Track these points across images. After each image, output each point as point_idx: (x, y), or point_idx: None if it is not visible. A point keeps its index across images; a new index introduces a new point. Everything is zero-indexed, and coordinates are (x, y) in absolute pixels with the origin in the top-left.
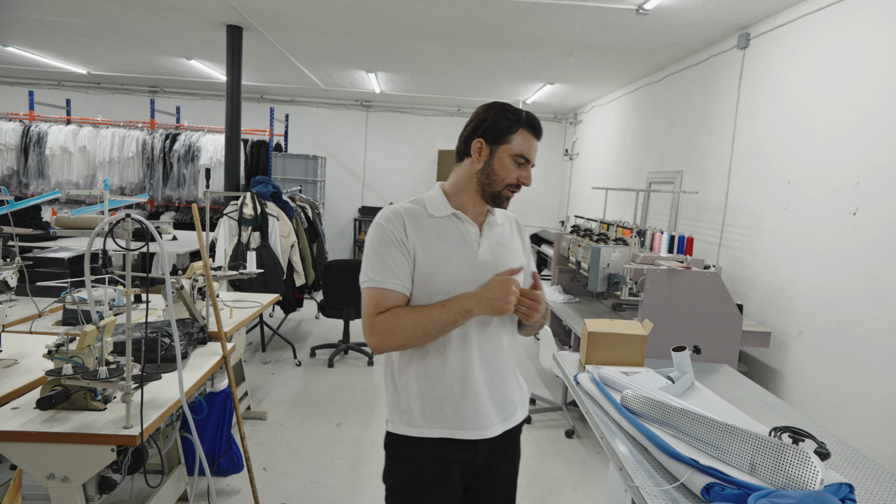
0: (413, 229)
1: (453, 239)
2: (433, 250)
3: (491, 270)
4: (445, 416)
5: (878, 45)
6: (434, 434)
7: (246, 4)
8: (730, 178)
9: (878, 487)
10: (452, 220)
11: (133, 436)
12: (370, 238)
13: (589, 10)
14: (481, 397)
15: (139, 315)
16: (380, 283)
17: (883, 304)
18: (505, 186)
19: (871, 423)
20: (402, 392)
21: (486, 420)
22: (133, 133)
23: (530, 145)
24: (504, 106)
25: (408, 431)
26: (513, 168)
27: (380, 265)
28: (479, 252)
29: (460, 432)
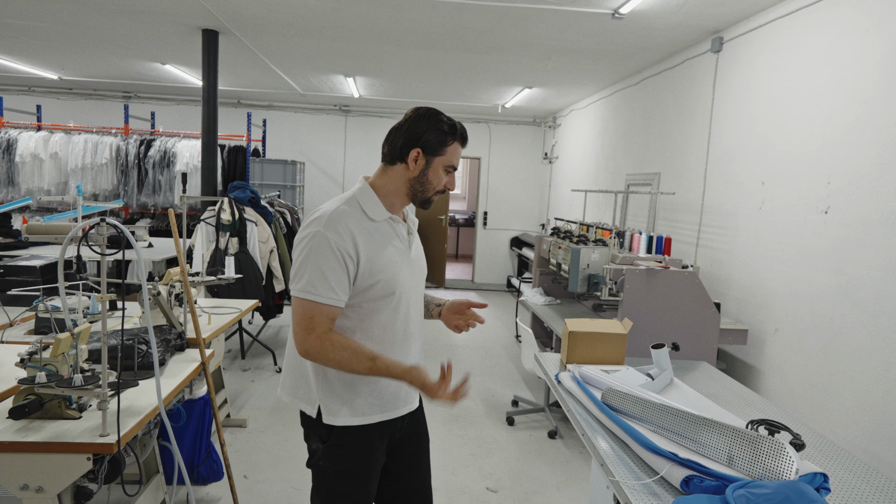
0: (360, 237)
1: (392, 242)
2: (377, 255)
3: (418, 264)
4: (387, 401)
5: (846, 47)
6: (378, 419)
7: (222, 8)
8: (706, 179)
9: (852, 476)
10: (389, 224)
11: (109, 444)
12: (312, 246)
13: (565, 15)
14: None
15: (115, 322)
16: (316, 297)
17: (854, 301)
18: (435, 192)
19: (845, 417)
20: (343, 387)
21: (412, 396)
22: (106, 139)
23: (459, 155)
24: (439, 117)
25: (353, 422)
26: (443, 176)
27: (318, 278)
28: (411, 250)
29: (396, 411)
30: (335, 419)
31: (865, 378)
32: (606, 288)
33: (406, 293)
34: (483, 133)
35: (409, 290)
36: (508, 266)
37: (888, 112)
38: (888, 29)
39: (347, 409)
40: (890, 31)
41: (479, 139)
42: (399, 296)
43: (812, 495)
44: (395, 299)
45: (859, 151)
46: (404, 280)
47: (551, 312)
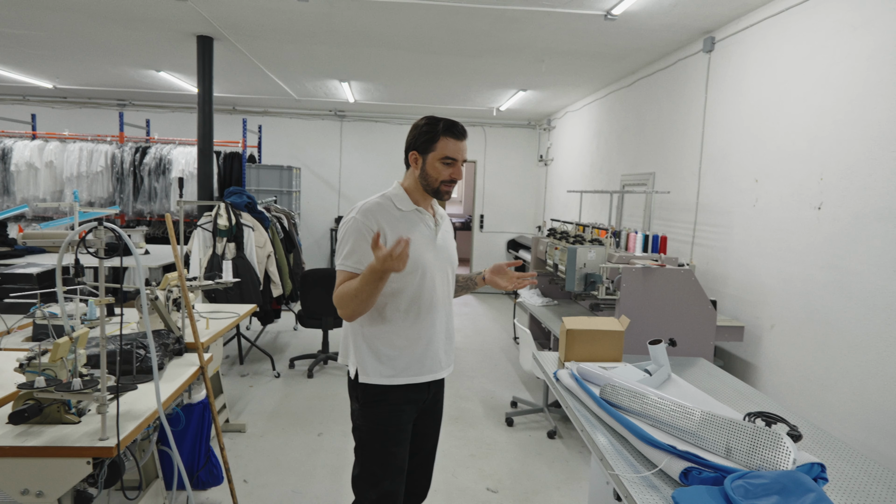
0: (384, 221)
1: (418, 228)
2: (402, 235)
3: (444, 251)
4: (413, 366)
5: (835, 45)
6: (405, 381)
7: (216, 14)
8: (700, 177)
9: (849, 466)
10: (416, 214)
11: (109, 447)
12: (349, 228)
13: (558, 17)
14: (439, 350)
15: (113, 327)
16: (348, 267)
17: (849, 295)
18: (440, 183)
19: (842, 411)
20: (379, 350)
21: (439, 366)
22: (101, 147)
23: (455, 147)
24: (429, 120)
25: (383, 381)
26: (443, 168)
27: (353, 252)
28: (436, 239)
29: (422, 377)
30: (368, 378)
31: (861, 372)
32: (603, 287)
33: (431, 272)
34: (479, 136)
35: (435, 269)
36: None
37: (878, 108)
38: (876, 26)
39: (378, 369)
40: (878, 29)
41: (475, 142)
42: (423, 273)
43: (809, 484)
44: (418, 276)
45: (851, 147)
46: (429, 260)
47: (549, 313)
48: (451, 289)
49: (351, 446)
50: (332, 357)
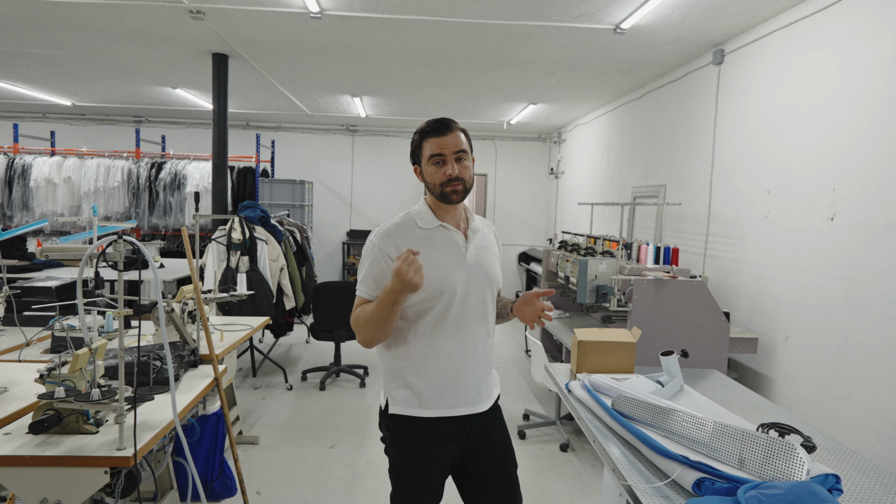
0: (404, 242)
1: (443, 246)
2: (423, 258)
3: (478, 269)
4: (446, 397)
5: (845, 56)
6: (437, 414)
7: (231, 33)
8: (711, 189)
9: (864, 478)
10: (441, 231)
11: (126, 457)
12: (367, 252)
13: (568, 31)
14: (476, 379)
15: (130, 340)
16: (364, 294)
17: (863, 306)
18: (440, 186)
19: (859, 423)
20: (407, 380)
21: (477, 399)
22: (118, 163)
23: (437, 144)
24: (417, 129)
25: (413, 413)
26: (436, 170)
27: (367, 279)
28: (467, 255)
29: (456, 410)
30: (397, 408)
31: (877, 384)
32: (615, 299)
33: (461, 293)
34: (489, 150)
35: (467, 290)
36: (517, 281)
37: (890, 118)
38: (886, 37)
39: (407, 399)
40: (888, 39)
41: (486, 156)
42: (452, 294)
43: (824, 495)
44: (445, 298)
45: (863, 158)
46: (458, 280)
47: (560, 325)
48: (489, 311)
49: (363, 459)
50: (344, 370)
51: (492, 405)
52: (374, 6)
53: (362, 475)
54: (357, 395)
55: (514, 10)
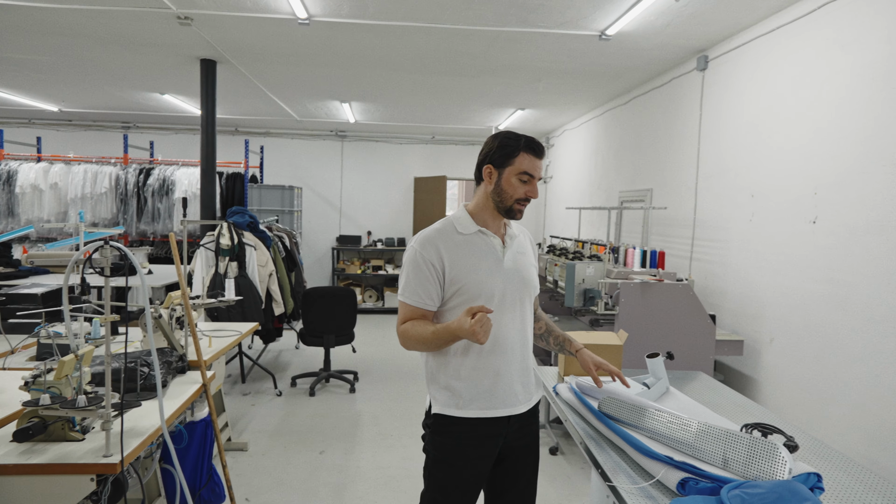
0: (444, 247)
1: (481, 251)
2: (462, 262)
3: (515, 275)
4: (484, 399)
5: (827, 62)
6: (475, 414)
7: (219, 38)
8: (697, 193)
9: (846, 477)
10: (479, 236)
11: (113, 464)
12: (407, 258)
13: (554, 37)
14: (513, 384)
15: (117, 346)
16: (408, 300)
17: (845, 307)
18: (514, 201)
19: (843, 423)
20: (443, 381)
21: (515, 401)
22: (106, 169)
23: (533, 164)
24: (507, 134)
25: (453, 412)
26: (519, 185)
27: (409, 285)
28: (504, 260)
29: (494, 411)
30: (436, 407)
31: (860, 384)
32: (602, 302)
33: (498, 298)
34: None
35: (504, 295)
36: None
37: (868, 123)
38: (863, 44)
39: (447, 400)
40: (867, 46)
41: (474, 161)
42: (489, 299)
43: (805, 494)
44: (484, 302)
45: (843, 162)
46: (494, 285)
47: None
48: (527, 316)
49: (353, 464)
50: (333, 375)
51: (530, 408)
52: (362, 13)
53: (352, 481)
54: (347, 401)
55: (500, 16)
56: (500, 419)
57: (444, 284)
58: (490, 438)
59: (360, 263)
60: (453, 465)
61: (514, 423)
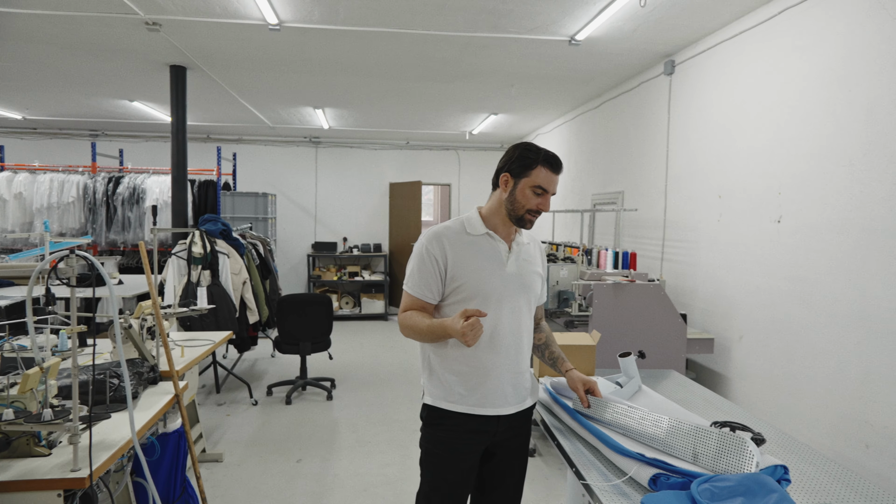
0: (450, 245)
1: (486, 253)
2: (466, 261)
3: (516, 280)
4: (474, 397)
5: (787, 66)
6: (464, 410)
7: (189, 45)
8: (666, 195)
9: (811, 468)
10: (486, 238)
11: (81, 478)
12: (415, 251)
13: (525, 42)
14: (504, 385)
15: (85, 359)
16: (411, 290)
17: (809, 304)
18: (526, 211)
19: (809, 417)
20: (441, 375)
21: (504, 402)
22: (73, 177)
23: (548, 178)
24: (528, 146)
25: (444, 406)
26: (532, 197)
27: (413, 276)
28: (506, 265)
29: (483, 409)
30: (431, 400)
31: (825, 378)
32: (576, 304)
33: (495, 300)
34: (452, 160)
35: (501, 298)
36: None
37: (828, 125)
38: (821, 48)
39: (440, 393)
40: (824, 50)
41: (449, 166)
42: (485, 300)
43: (772, 486)
44: (479, 302)
45: (805, 162)
46: (493, 287)
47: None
48: (524, 321)
49: (331, 472)
50: (310, 383)
51: (520, 411)
52: (334, 18)
53: (330, 489)
54: (324, 408)
55: (471, 22)
56: (488, 417)
57: (445, 280)
58: (478, 434)
59: (336, 270)
60: (444, 459)
61: (504, 422)
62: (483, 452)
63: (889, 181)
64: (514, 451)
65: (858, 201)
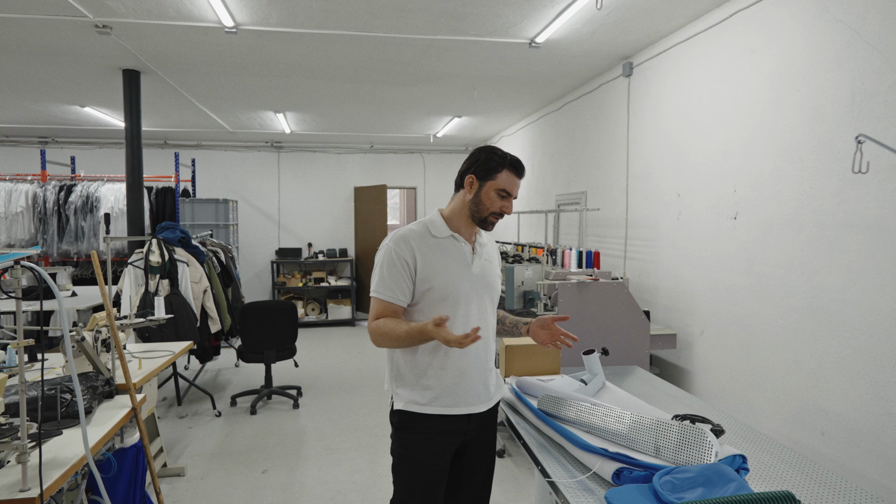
0: (418, 247)
1: (452, 255)
2: (433, 263)
3: (481, 280)
4: (448, 397)
5: (739, 67)
6: (438, 411)
7: (141, 48)
8: (628, 194)
9: (769, 457)
10: (451, 241)
11: (31, 498)
12: (380, 256)
13: (486, 45)
14: (475, 383)
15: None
16: (381, 295)
17: (765, 298)
18: (490, 214)
19: (767, 407)
20: (412, 379)
21: (477, 399)
22: (21, 186)
23: (512, 182)
24: (493, 149)
25: (416, 409)
26: (497, 199)
27: (383, 281)
28: (472, 266)
29: (457, 409)
30: (401, 404)
31: (781, 370)
32: (542, 303)
33: (464, 301)
34: (417, 163)
35: (470, 298)
36: None
37: (779, 124)
38: (771, 49)
39: (410, 397)
40: (774, 52)
41: (414, 169)
42: (456, 302)
43: (731, 475)
44: (450, 304)
45: (759, 161)
46: (462, 288)
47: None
48: (490, 320)
49: (298, 482)
50: (276, 392)
51: (490, 407)
52: (291, 21)
53: (297, 499)
54: (290, 417)
55: (431, 24)
56: (461, 416)
57: (415, 282)
58: (451, 434)
59: (301, 276)
60: (419, 462)
61: (475, 420)
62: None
63: (836, 177)
64: (482, 449)
65: (808, 197)
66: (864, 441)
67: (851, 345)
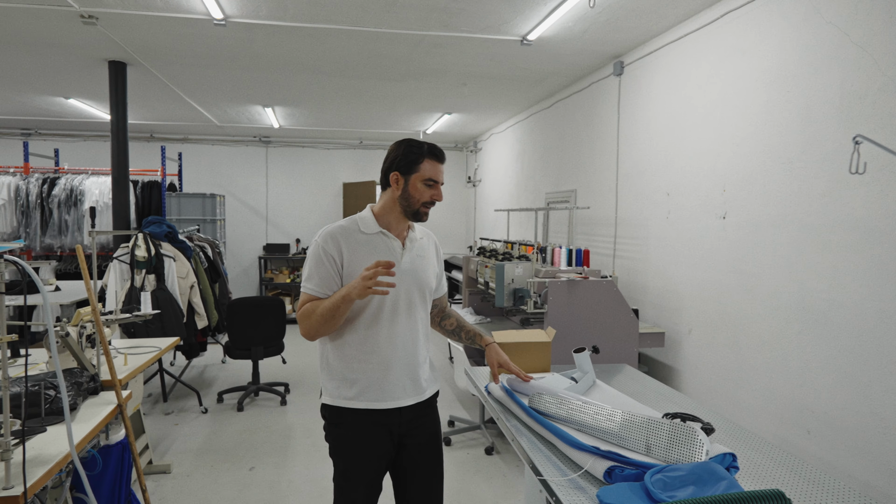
0: (345, 244)
1: (380, 251)
2: (361, 260)
3: (410, 276)
4: (371, 391)
5: (729, 68)
6: (363, 405)
7: (128, 39)
8: (617, 193)
9: (758, 455)
10: (380, 237)
11: (15, 496)
12: (310, 252)
13: (477, 42)
14: (402, 378)
15: (18, 370)
16: (310, 290)
17: (753, 297)
18: (421, 205)
19: (755, 405)
20: (337, 373)
21: (403, 394)
22: (4, 179)
23: (436, 170)
24: (410, 142)
25: (343, 404)
26: (425, 190)
27: (311, 276)
28: (401, 262)
29: (382, 404)
30: (329, 399)
31: (769, 368)
32: (531, 301)
33: (390, 296)
34: None
35: (395, 293)
36: None
37: (768, 124)
38: (760, 50)
39: (337, 391)
40: (762, 53)
41: None
42: (379, 298)
43: (722, 473)
44: (377, 298)
45: (747, 161)
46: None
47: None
48: (418, 315)
49: (285, 478)
50: (263, 388)
51: (422, 401)
52: (281, 14)
53: (284, 496)
54: (278, 414)
55: (422, 20)
56: (389, 410)
57: (342, 277)
58: (381, 427)
59: (289, 272)
60: (350, 454)
61: (407, 413)
62: (397, 451)
63: (824, 178)
64: (423, 440)
65: (797, 198)
66: (849, 439)
67: (838, 344)
